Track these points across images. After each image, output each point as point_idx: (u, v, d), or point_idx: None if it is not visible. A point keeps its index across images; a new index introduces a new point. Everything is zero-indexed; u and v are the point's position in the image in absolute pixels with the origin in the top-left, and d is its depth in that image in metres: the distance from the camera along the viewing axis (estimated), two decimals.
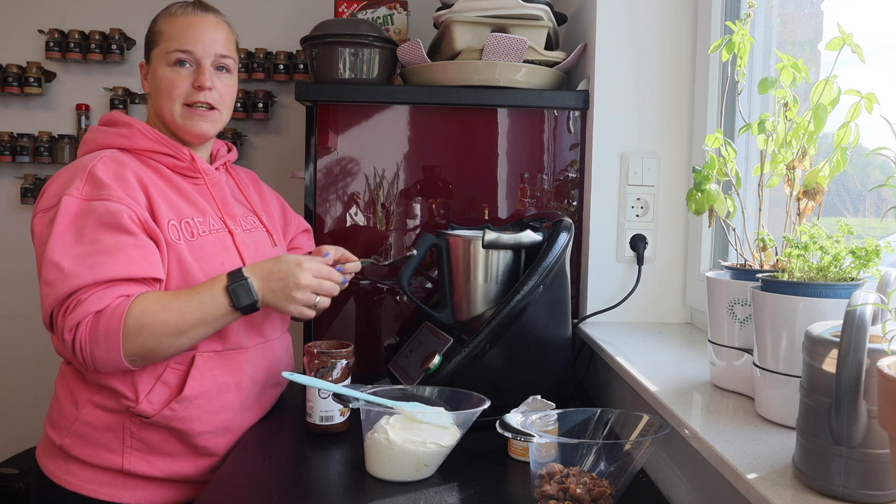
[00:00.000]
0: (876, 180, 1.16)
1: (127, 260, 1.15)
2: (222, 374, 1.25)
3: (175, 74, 1.29)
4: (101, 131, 1.30)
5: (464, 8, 1.64)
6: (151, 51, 1.32)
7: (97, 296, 1.12)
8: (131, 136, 1.28)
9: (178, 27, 1.30)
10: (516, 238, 1.36)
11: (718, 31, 1.53)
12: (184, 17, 1.31)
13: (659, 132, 1.64)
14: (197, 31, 1.30)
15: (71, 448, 1.23)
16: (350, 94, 1.65)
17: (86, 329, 1.11)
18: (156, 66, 1.31)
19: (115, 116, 1.32)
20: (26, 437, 2.75)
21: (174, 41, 1.29)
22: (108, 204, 1.16)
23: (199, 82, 1.29)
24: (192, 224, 1.26)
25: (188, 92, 1.29)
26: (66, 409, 1.25)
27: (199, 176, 1.33)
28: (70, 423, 1.23)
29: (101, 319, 1.11)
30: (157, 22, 1.34)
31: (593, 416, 1.04)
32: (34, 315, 2.76)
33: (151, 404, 1.20)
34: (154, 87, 1.32)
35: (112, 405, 1.21)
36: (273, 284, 1.20)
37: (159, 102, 1.30)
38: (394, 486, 1.04)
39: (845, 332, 0.68)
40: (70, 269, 1.12)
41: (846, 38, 0.93)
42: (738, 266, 1.11)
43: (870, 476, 0.70)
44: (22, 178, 2.71)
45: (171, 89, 1.28)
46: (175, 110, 1.29)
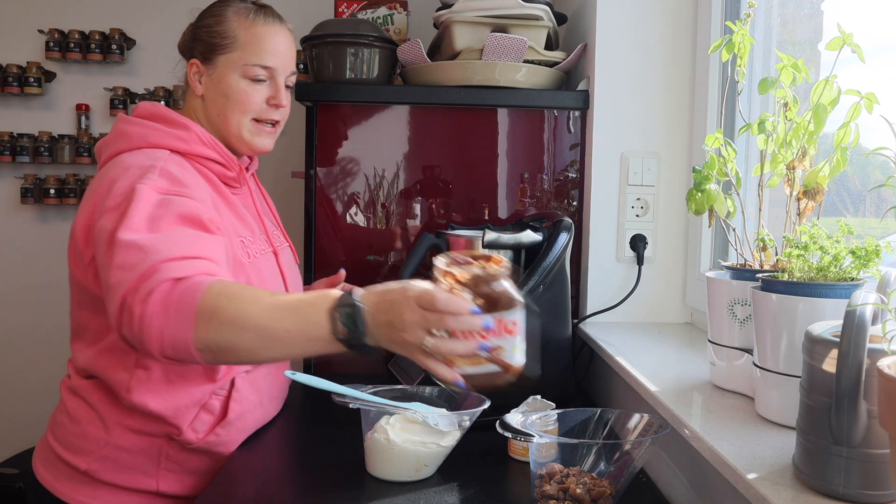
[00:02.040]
0: (876, 180, 1.16)
1: (211, 246, 1.03)
2: (252, 393, 1.23)
3: (251, 89, 1.23)
4: (152, 128, 1.18)
5: (464, 8, 1.64)
6: (218, 54, 1.23)
7: (177, 264, 0.95)
8: (189, 139, 1.19)
9: (257, 37, 1.22)
10: (516, 238, 1.36)
11: (718, 31, 1.53)
12: (264, 27, 1.24)
13: (659, 132, 1.64)
14: (277, 46, 1.24)
15: (99, 473, 1.14)
16: (350, 94, 1.65)
17: (159, 298, 0.92)
18: (225, 73, 1.23)
19: (166, 113, 1.21)
20: (26, 437, 2.75)
21: (254, 54, 1.22)
22: (187, 201, 1.07)
23: (277, 101, 1.25)
24: (247, 243, 1.21)
25: (262, 109, 1.24)
26: (90, 433, 1.15)
27: (240, 186, 1.28)
28: (99, 447, 1.14)
29: (176, 287, 0.92)
30: (225, 22, 1.23)
31: (593, 416, 1.04)
32: (34, 316, 2.77)
33: (196, 432, 1.15)
34: (219, 95, 1.23)
35: (150, 429, 1.14)
36: (380, 317, 0.91)
37: (225, 112, 1.23)
38: (394, 486, 1.04)
39: (845, 332, 0.68)
40: (151, 246, 0.97)
41: (846, 38, 0.93)
42: (738, 266, 1.11)
43: (870, 476, 0.70)
44: (22, 178, 2.71)
45: (245, 104, 1.23)
46: (244, 124, 1.24)
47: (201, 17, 1.27)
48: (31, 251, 2.78)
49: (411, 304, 0.87)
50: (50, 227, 2.80)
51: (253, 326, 0.92)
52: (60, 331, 2.76)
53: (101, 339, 1.16)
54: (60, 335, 2.76)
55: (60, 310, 2.76)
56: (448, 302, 0.85)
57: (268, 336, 0.92)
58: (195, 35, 1.26)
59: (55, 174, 2.72)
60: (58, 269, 2.76)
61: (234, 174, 1.26)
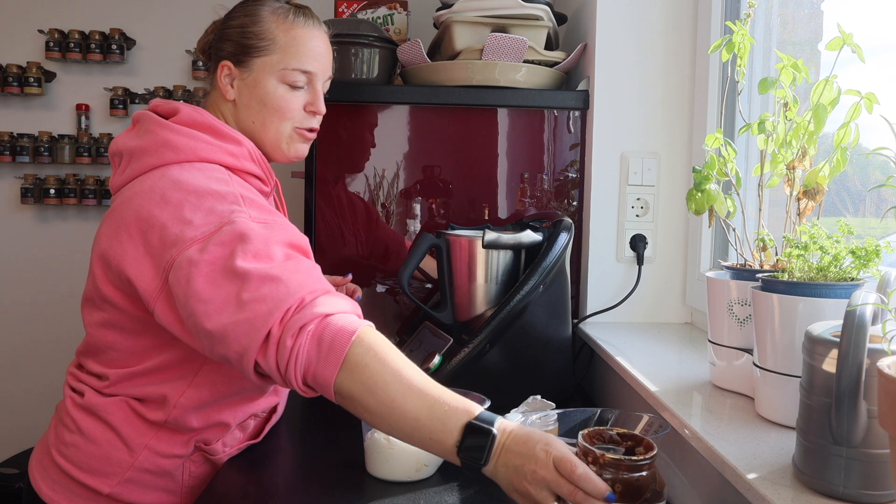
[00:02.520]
0: (876, 180, 1.16)
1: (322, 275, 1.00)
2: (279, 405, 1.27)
3: (291, 94, 1.17)
4: (201, 140, 1.10)
5: (464, 8, 1.64)
6: (254, 57, 1.15)
7: (325, 299, 0.93)
8: (241, 155, 1.12)
9: (297, 40, 1.16)
10: (516, 238, 1.36)
11: (718, 31, 1.53)
12: (304, 30, 1.17)
13: (659, 132, 1.64)
14: (317, 50, 1.18)
15: (124, 495, 1.11)
16: (350, 94, 1.65)
17: (313, 332, 0.90)
18: (262, 77, 1.15)
19: (214, 123, 1.12)
20: (26, 437, 2.75)
21: (294, 58, 1.15)
22: (287, 225, 1.03)
23: (315, 107, 1.19)
24: None
25: (302, 116, 1.19)
26: (112, 455, 1.10)
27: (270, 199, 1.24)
28: (123, 470, 1.10)
29: (329, 325, 0.90)
30: (262, 23, 1.16)
31: (593, 416, 1.04)
32: (34, 316, 2.77)
33: (225, 447, 1.16)
34: (255, 101, 1.16)
35: (175, 450, 1.11)
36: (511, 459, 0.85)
37: (263, 119, 1.16)
38: (394, 486, 1.04)
39: (845, 332, 0.68)
40: (287, 277, 0.93)
41: (846, 38, 0.93)
42: (738, 266, 1.11)
43: (870, 476, 0.70)
44: (22, 178, 2.71)
45: (285, 111, 1.16)
46: (284, 131, 1.18)
47: (232, 15, 1.19)
48: (31, 251, 2.79)
49: (549, 464, 0.82)
50: (50, 227, 2.80)
51: (387, 401, 0.88)
52: (61, 331, 2.77)
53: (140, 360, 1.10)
54: (61, 335, 2.77)
55: (61, 310, 2.77)
56: (587, 479, 0.79)
57: (396, 416, 0.88)
58: (224, 35, 1.18)
59: (55, 174, 2.72)
60: (58, 269, 2.77)
61: (269, 189, 1.20)
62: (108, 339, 1.11)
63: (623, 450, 0.84)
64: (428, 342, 1.40)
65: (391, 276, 1.70)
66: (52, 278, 2.75)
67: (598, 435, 0.85)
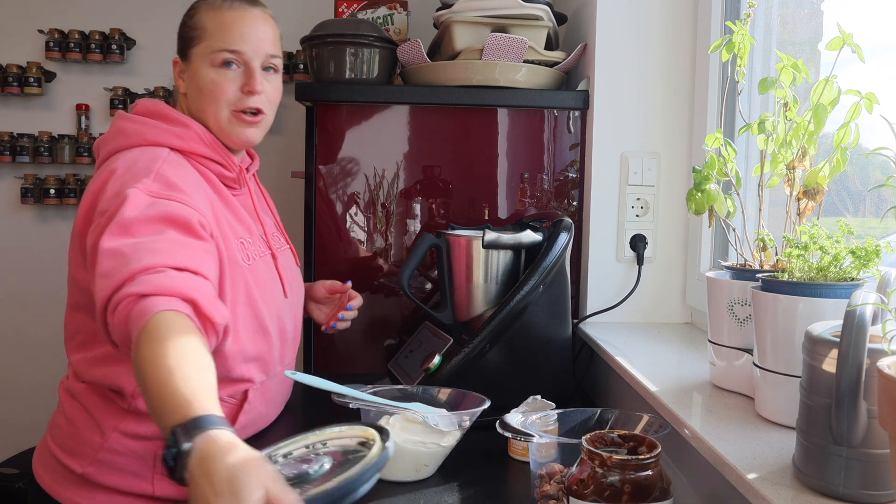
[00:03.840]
0: (876, 180, 1.16)
1: (192, 255, 0.99)
2: (262, 404, 1.22)
3: (221, 77, 1.17)
4: (150, 125, 1.15)
5: (464, 8, 1.64)
6: (191, 48, 1.19)
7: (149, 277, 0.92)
8: (187, 137, 1.16)
9: (224, 23, 1.17)
10: (516, 238, 1.36)
11: (718, 31, 1.53)
12: (230, 13, 1.18)
13: (659, 132, 1.64)
14: (245, 28, 1.18)
15: (96, 476, 1.13)
16: (350, 94, 1.65)
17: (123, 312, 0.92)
18: (197, 66, 1.18)
19: (165, 110, 1.18)
20: (26, 437, 2.75)
21: (220, 39, 1.16)
22: (176, 205, 1.03)
23: (250, 87, 1.18)
24: (246, 245, 1.18)
25: (237, 97, 1.18)
26: (86, 436, 1.14)
27: (239, 187, 1.24)
28: (94, 451, 1.13)
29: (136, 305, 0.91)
30: (196, 15, 1.20)
31: (593, 416, 1.04)
32: (34, 316, 2.77)
33: None
34: (195, 89, 1.19)
35: (143, 431, 1.12)
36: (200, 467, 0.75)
37: (202, 106, 1.19)
38: (394, 486, 1.04)
39: (845, 332, 0.68)
40: (132, 252, 0.95)
41: (846, 38, 0.93)
42: (738, 266, 1.11)
43: (870, 476, 0.70)
44: (22, 178, 2.71)
45: (217, 94, 1.17)
46: (222, 116, 1.18)
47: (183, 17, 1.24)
48: (31, 251, 2.79)
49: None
50: (50, 227, 2.80)
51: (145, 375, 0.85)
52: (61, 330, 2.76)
53: (101, 344, 1.12)
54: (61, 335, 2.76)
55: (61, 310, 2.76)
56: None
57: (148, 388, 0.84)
58: (178, 34, 1.23)
59: (55, 174, 2.72)
60: (58, 269, 2.76)
61: (233, 175, 1.22)
62: (76, 321, 1.17)
63: (626, 451, 0.84)
64: (428, 342, 1.40)
65: (391, 276, 1.70)
66: (52, 278, 2.74)
67: (599, 439, 0.85)
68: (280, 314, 1.24)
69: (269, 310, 1.20)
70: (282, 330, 1.25)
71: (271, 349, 1.22)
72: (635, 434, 0.86)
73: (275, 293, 1.23)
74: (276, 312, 1.22)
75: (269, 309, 1.20)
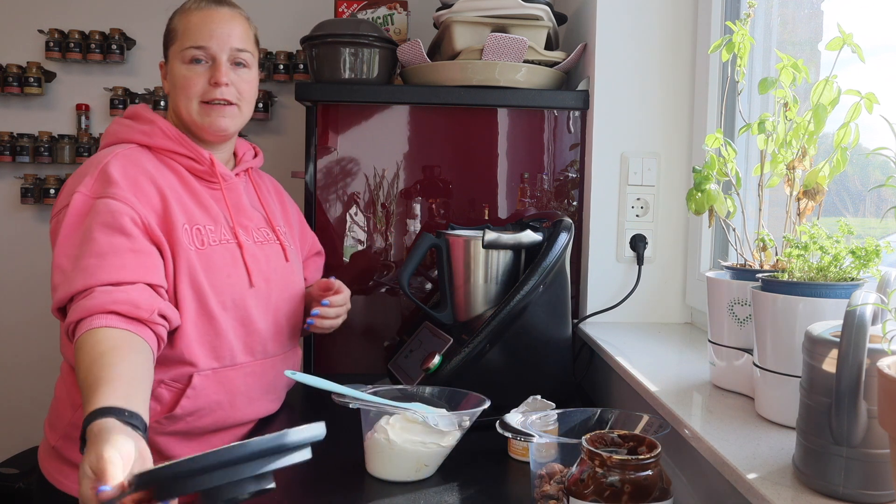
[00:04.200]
0: (876, 180, 1.16)
1: (118, 265, 1.11)
2: (216, 392, 1.23)
3: (191, 72, 1.26)
4: (124, 125, 1.28)
5: (464, 8, 1.64)
6: (168, 49, 1.30)
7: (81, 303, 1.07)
8: (152, 133, 1.26)
9: (192, 23, 1.27)
10: (516, 238, 1.36)
11: (718, 31, 1.53)
12: (197, 13, 1.28)
13: (659, 132, 1.64)
14: (211, 26, 1.26)
15: (63, 450, 1.23)
16: (350, 94, 1.65)
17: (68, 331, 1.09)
18: (172, 65, 1.29)
19: (139, 111, 1.31)
20: (26, 437, 2.75)
21: (188, 38, 1.26)
22: (110, 202, 1.14)
23: (216, 79, 1.26)
24: (203, 232, 1.24)
25: (205, 89, 1.27)
26: (62, 411, 1.25)
27: (216, 181, 1.30)
28: (64, 425, 1.23)
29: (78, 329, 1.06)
30: (172, 19, 1.31)
31: (593, 416, 1.04)
32: (34, 316, 2.77)
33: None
34: (172, 86, 1.30)
35: None
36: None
37: (177, 101, 1.28)
38: (394, 486, 1.04)
39: (845, 332, 0.68)
40: (70, 271, 1.11)
41: (846, 38, 0.93)
42: (738, 266, 1.11)
43: (870, 476, 0.70)
44: (22, 178, 2.71)
45: (187, 87, 1.26)
46: (192, 108, 1.27)
47: None
48: (31, 251, 2.78)
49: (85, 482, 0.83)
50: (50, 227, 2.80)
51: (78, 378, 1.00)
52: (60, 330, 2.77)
53: None
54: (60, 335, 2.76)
55: None
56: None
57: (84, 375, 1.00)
58: None
59: (55, 174, 2.72)
60: None
61: (204, 167, 1.28)
62: None
63: (626, 451, 0.84)
64: (428, 342, 1.40)
65: (391, 276, 1.70)
66: None
67: (599, 439, 0.85)
68: (241, 302, 1.26)
69: (219, 295, 1.23)
70: (245, 318, 1.27)
71: (222, 336, 1.23)
72: (635, 434, 0.86)
73: (233, 280, 1.25)
74: (233, 299, 1.25)
75: (219, 294, 1.23)
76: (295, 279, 1.40)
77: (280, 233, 1.39)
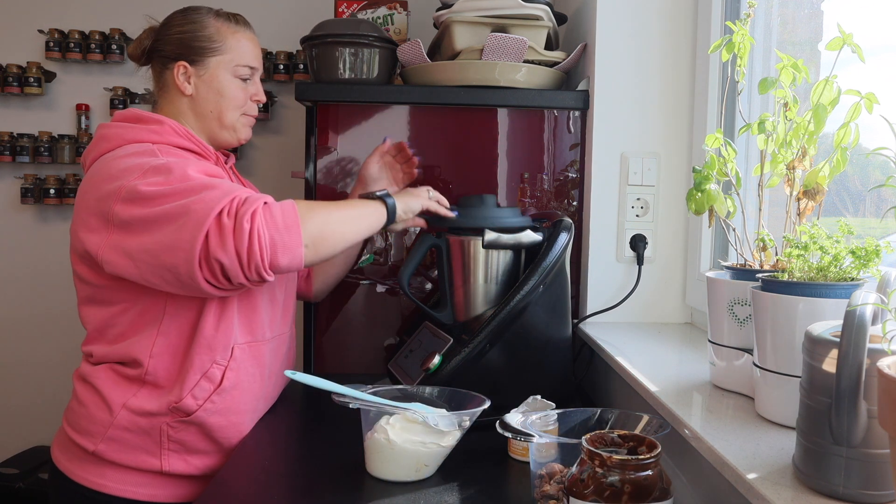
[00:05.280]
0: (876, 180, 1.16)
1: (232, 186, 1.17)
2: (252, 365, 1.30)
3: (241, 86, 1.37)
4: (128, 128, 1.29)
5: (464, 8, 1.64)
6: (209, 56, 1.34)
7: (252, 196, 1.12)
8: (163, 132, 1.29)
9: (244, 43, 1.37)
10: (516, 238, 1.36)
11: (718, 31, 1.53)
12: (245, 34, 1.38)
13: (659, 132, 1.64)
14: (257, 50, 1.40)
15: (106, 453, 1.23)
16: (350, 94, 1.65)
17: (264, 215, 1.10)
18: (218, 73, 1.34)
19: (140, 113, 1.32)
20: (26, 437, 2.75)
21: (244, 57, 1.36)
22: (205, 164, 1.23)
23: (259, 97, 1.40)
24: None
25: (246, 104, 1.39)
26: (96, 416, 1.24)
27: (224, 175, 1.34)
28: (104, 429, 1.23)
29: (271, 206, 1.12)
30: (210, 27, 1.34)
31: (593, 416, 1.04)
32: (34, 315, 2.77)
33: (195, 399, 1.22)
34: (213, 93, 1.34)
35: (149, 407, 1.22)
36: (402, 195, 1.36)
37: (220, 108, 1.35)
38: (394, 486, 1.04)
39: (845, 332, 0.68)
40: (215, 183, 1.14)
41: (846, 38, 0.93)
42: (738, 266, 1.11)
43: (870, 476, 0.70)
44: (22, 178, 2.71)
45: (238, 99, 1.36)
46: (235, 118, 1.37)
47: (178, 24, 1.35)
48: (31, 251, 2.79)
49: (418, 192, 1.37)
50: (50, 227, 2.80)
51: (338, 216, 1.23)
52: (60, 330, 2.77)
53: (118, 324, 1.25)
54: (60, 335, 2.77)
55: (60, 310, 2.77)
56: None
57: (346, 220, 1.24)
58: (169, 40, 1.35)
59: (55, 174, 2.73)
60: (58, 268, 2.77)
61: (211, 161, 1.33)
62: (87, 315, 1.29)
63: (626, 451, 0.84)
64: (428, 342, 1.40)
65: (391, 276, 1.70)
66: (52, 278, 2.75)
67: (599, 439, 0.85)
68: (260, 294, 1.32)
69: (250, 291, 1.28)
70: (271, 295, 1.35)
71: (257, 311, 1.31)
72: (635, 434, 0.86)
73: None
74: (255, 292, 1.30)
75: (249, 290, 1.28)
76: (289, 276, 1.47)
77: None
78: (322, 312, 1.70)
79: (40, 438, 2.76)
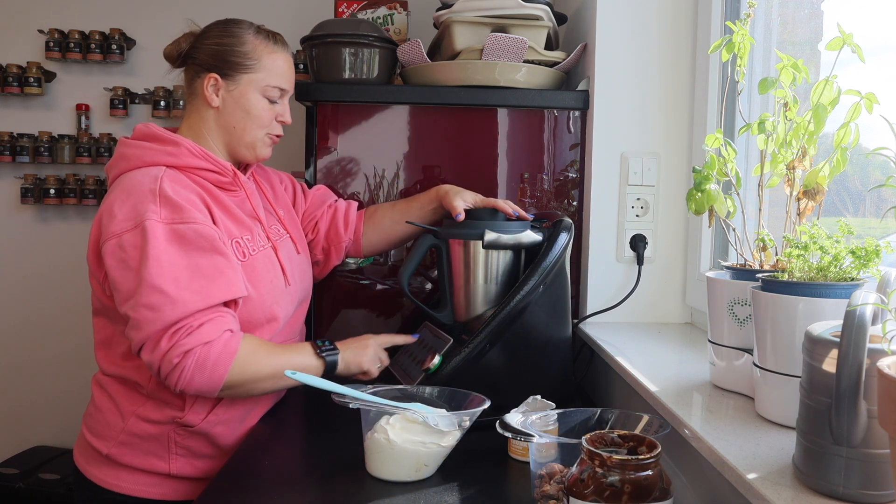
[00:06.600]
0: (876, 180, 1.16)
1: (226, 283, 1.20)
2: None
3: (269, 107, 1.35)
4: (145, 148, 1.29)
5: (464, 8, 1.64)
6: (241, 73, 1.32)
7: (208, 325, 1.17)
8: (179, 154, 1.28)
9: (279, 64, 1.35)
10: (516, 238, 1.36)
11: (718, 31, 1.53)
12: (282, 54, 1.36)
13: (659, 132, 1.64)
14: (291, 73, 1.38)
15: (119, 456, 1.30)
16: (350, 94, 1.65)
17: (195, 357, 1.15)
18: (247, 91, 1.33)
19: (157, 132, 1.31)
20: (26, 437, 2.75)
21: (278, 78, 1.34)
22: (196, 227, 1.20)
23: (285, 118, 1.38)
24: (243, 244, 1.30)
25: (272, 124, 1.37)
26: (111, 421, 1.31)
27: (239, 189, 1.35)
28: (117, 433, 1.30)
29: (211, 350, 1.16)
30: (247, 44, 1.33)
31: (593, 416, 1.04)
32: (34, 316, 2.77)
33: (197, 414, 1.28)
34: (240, 110, 1.33)
35: (157, 416, 1.28)
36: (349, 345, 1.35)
37: (245, 125, 1.34)
38: (394, 486, 1.04)
39: (845, 332, 0.68)
40: (176, 294, 1.15)
41: (846, 38, 0.93)
42: (738, 266, 1.11)
43: (870, 476, 0.70)
44: (22, 178, 2.71)
45: (264, 119, 1.35)
46: (259, 137, 1.35)
47: (211, 34, 1.34)
48: (31, 251, 2.79)
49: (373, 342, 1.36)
50: (50, 227, 2.80)
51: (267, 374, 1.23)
52: (60, 330, 2.77)
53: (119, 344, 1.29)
54: (60, 335, 2.77)
55: (60, 310, 2.77)
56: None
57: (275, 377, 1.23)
58: (205, 49, 1.33)
59: (55, 174, 2.73)
60: (58, 268, 2.77)
61: (228, 179, 1.33)
62: (97, 324, 1.33)
63: (626, 451, 0.84)
64: (428, 342, 1.40)
65: (391, 276, 1.70)
66: (52, 278, 2.75)
67: (599, 439, 0.85)
68: (279, 302, 1.34)
69: (266, 300, 1.31)
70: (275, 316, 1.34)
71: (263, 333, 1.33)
72: (635, 434, 0.86)
73: (275, 283, 1.33)
74: (274, 301, 1.33)
75: (266, 299, 1.31)
76: (307, 269, 1.49)
77: (288, 225, 1.45)
78: (322, 312, 1.70)
79: (40, 438, 2.76)
